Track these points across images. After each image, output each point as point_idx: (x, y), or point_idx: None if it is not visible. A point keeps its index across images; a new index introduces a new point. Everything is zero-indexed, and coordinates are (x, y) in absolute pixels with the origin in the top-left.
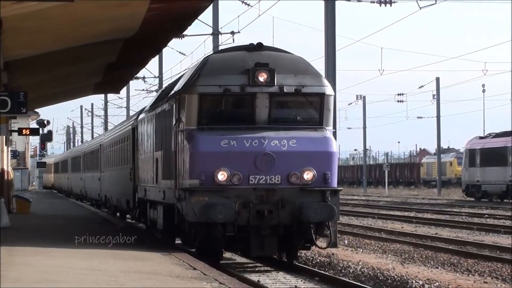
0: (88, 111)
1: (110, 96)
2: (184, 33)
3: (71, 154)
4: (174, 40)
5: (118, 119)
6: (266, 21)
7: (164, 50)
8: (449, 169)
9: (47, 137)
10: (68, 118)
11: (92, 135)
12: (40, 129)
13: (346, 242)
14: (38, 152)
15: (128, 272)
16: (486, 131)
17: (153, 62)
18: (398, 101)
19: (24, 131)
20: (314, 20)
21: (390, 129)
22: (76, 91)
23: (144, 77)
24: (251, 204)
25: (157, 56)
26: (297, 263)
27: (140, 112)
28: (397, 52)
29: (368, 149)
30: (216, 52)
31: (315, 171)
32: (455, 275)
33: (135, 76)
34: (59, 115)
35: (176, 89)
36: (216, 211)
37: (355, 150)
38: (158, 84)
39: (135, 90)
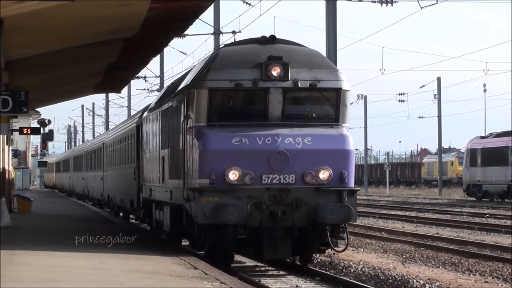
0: (89, 111)
1: (111, 96)
2: (185, 33)
3: (73, 153)
4: (175, 40)
5: (119, 119)
6: (268, 21)
7: (165, 50)
8: (450, 169)
9: (48, 137)
10: (69, 118)
11: (93, 135)
12: (41, 129)
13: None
14: (39, 152)
15: (129, 272)
16: (487, 131)
17: (154, 62)
18: (399, 101)
19: (25, 131)
20: (316, 20)
21: (391, 129)
22: (77, 91)
23: (145, 77)
24: (264, 205)
25: (158, 56)
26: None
27: (145, 110)
28: (398, 52)
29: (369, 149)
30: (227, 45)
31: (331, 170)
32: (456, 275)
33: (136, 76)
34: (60, 115)
35: (184, 84)
36: (227, 212)
37: (356, 150)
38: (159, 84)
39: (136, 90)
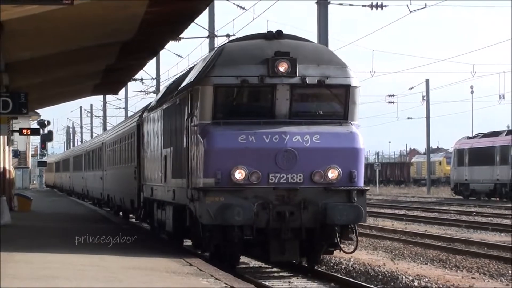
0: (88, 112)
1: (109, 97)
2: (181, 36)
3: (73, 153)
4: (171, 43)
5: (117, 120)
6: (261, 24)
7: (161, 52)
8: (438, 168)
9: (48, 137)
10: (68, 119)
11: (91, 135)
12: (41, 129)
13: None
14: (39, 152)
15: (127, 269)
16: (475, 132)
17: (151, 64)
18: (389, 102)
19: (25, 131)
20: (308, 23)
21: (381, 129)
22: (76, 92)
23: (142, 79)
24: (271, 205)
25: (155, 58)
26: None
27: (145, 109)
28: (388, 55)
29: None
30: (232, 41)
31: (340, 169)
32: (444, 271)
33: (133, 78)
34: (59, 116)
35: (188, 82)
36: (234, 213)
37: None
38: (156, 86)
39: (133, 92)
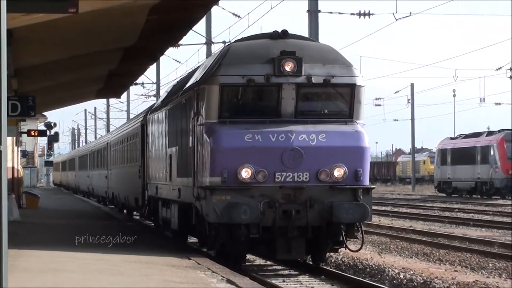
0: (92, 114)
1: (112, 101)
2: (180, 43)
3: (78, 153)
4: (170, 49)
5: (119, 122)
6: (255, 31)
7: (161, 58)
8: (423, 167)
9: (54, 138)
10: (73, 121)
11: (95, 136)
12: (48, 131)
13: None
14: (46, 152)
15: (128, 262)
16: (457, 133)
17: (151, 69)
18: (376, 105)
19: (33, 133)
20: (299, 31)
21: (369, 131)
22: (80, 96)
23: (143, 83)
24: (277, 204)
25: (155, 64)
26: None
27: (149, 109)
28: (375, 60)
29: None
30: (238, 41)
31: (346, 168)
32: (428, 264)
33: (135, 82)
34: (65, 118)
35: (194, 81)
36: (240, 211)
37: None
38: (156, 89)
39: (135, 95)
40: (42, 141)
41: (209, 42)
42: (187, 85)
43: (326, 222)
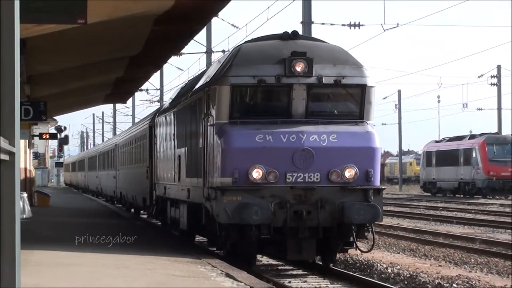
0: (99, 119)
1: (118, 106)
2: (182, 51)
3: (88, 155)
4: (173, 58)
5: (125, 126)
6: None
7: (164, 66)
8: (409, 169)
9: (64, 141)
10: (82, 125)
11: (103, 139)
12: (58, 134)
13: None
14: (56, 154)
15: (134, 257)
16: (441, 136)
17: (155, 76)
18: None
19: (44, 136)
20: None
21: None
22: (89, 101)
23: (147, 89)
24: (288, 204)
25: (158, 71)
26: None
27: (157, 111)
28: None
29: None
30: (248, 42)
31: (357, 169)
32: (414, 259)
33: (140, 88)
34: (74, 122)
35: (203, 82)
36: (251, 212)
37: None
38: (160, 95)
39: (140, 100)
40: (53, 144)
41: (209, 51)
42: (197, 86)
43: (337, 223)
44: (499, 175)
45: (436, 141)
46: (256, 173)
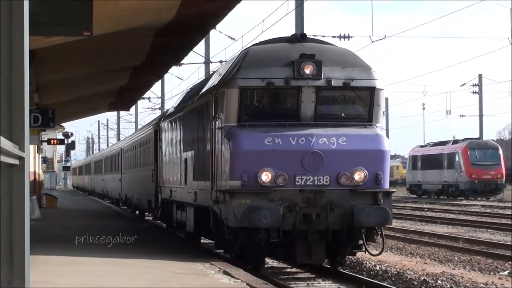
0: (104, 125)
1: (122, 113)
2: (181, 62)
3: (94, 159)
4: (173, 68)
5: (129, 132)
6: None
7: (165, 76)
8: (396, 172)
9: (71, 146)
10: (88, 131)
11: (107, 145)
12: (65, 140)
13: None
14: (64, 158)
15: (137, 257)
16: (426, 141)
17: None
18: None
19: (52, 141)
20: None
21: None
22: (94, 109)
23: (150, 97)
24: (297, 207)
25: (160, 80)
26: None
27: (162, 116)
28: None
29: None
30: (256, 44)
31: (367, 171)
32: (401, 257)
33: (142, 97)
34: (80, 128)
35: (211, 85)
36: (261, 216)
37: None
38: (161, 103)
39: (142, 108)
40: (60, 149)
41: (208, 62)
42: (204, 90)
43: (347, 226)
44: (481, 178)
45: (421, 146)
46: (265, 176)
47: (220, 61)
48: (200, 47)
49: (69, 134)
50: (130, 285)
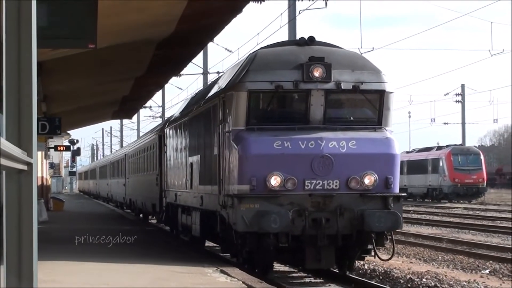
0: (108, 133)
1: (125, 121)
2: (181, 73)
3: (99, 164)
4: (173, 78)
5: (131, 139)
6: None
7: (166, 86)
8: None
9: (76, 153)
10: (93, 138)
11: (111, 151)
12: (71, 146)
13: None
14: (70, 164)
15: (140, 257)
16: (412, 147)
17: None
18: None
19: (59, 148)
20: None
21: None
22: (98, 117)
23: (151, 106)
24: (307, 212)
25: (160, 90)
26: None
27: (167, 121)
28: None
29: None
30: (264, 48)
31: (377, 175)
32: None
33: (144, 106)
34: (86, 135)
35: (218, 89)
36: (270, 220)
37: None
38: (162, 112)
39: (144, 116)
40: (67, 155)
41: (206, 72)
42: (210, 94)
43: (356, 230)
44: (463, 182)
45: (407, 152)
46: (274, 181)
47: (217, 72)
48: (199, 59)
49: (75, 141)
50: (133, 283)
